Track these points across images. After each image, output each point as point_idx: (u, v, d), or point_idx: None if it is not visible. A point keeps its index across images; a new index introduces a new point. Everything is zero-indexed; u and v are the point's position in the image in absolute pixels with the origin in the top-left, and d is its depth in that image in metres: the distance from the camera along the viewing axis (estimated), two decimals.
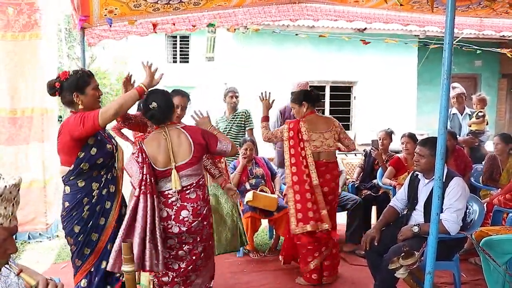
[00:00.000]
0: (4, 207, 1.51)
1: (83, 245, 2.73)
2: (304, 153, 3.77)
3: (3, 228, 1.53)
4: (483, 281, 3.29)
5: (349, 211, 4.77)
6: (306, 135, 3.80)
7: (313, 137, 3.81)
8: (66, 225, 2.74)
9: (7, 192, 1.50)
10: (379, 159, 5.17)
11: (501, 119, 11.75)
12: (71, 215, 2.70)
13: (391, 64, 9.99)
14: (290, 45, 9.28)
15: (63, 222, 2.77)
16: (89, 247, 2.74)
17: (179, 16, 4.43)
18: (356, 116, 10.27)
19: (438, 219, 2.57)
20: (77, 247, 2.74)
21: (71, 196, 2.71)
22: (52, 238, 5.18)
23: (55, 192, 5.41)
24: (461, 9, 4.30)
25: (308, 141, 3.78)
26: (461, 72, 10.90)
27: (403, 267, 2.75)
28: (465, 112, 5.92)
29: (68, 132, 2.65)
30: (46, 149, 5.12)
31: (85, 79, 2.76)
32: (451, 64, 2.44)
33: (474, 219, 3.47)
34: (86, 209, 2.70)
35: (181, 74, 16.29)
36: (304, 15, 4.76)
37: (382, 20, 4.89)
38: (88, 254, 2.75)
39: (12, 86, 4.98)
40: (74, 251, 2.78)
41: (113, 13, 3.94)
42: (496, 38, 9.27)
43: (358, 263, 4.32)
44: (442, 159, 2.51)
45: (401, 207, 3.54)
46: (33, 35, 5.01)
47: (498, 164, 4.93)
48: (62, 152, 2.73)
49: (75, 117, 2.65)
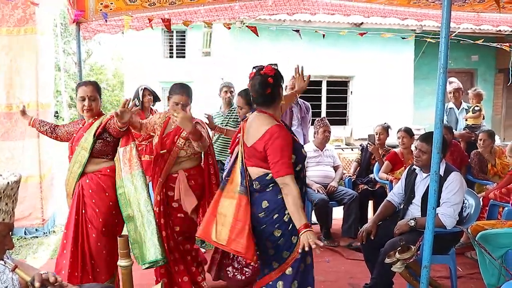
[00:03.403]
0: (6, 203, 1.52)
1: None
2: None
3: (5, 224, 1.53)
4: (479, 274, 3.31)
5: (345, 206, 4.78)
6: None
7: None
8: (267, 228, 2.48)
9: (8, 189, 1.51)
10: (376, 153, 5.18)
11: (497, 113, 11.78)
12: (272, 217, 2.46)
13: (388, 59, 9.98)
14: (286, 40, 9.25)
15: (261, 224, 2.48)
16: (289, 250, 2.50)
17: (175, 11, 4.41)
18: (353, 111, 10.27)
19: (434, 213, 2.57)
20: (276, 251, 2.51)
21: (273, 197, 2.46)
22: (48, 234, 5.18)
23: (51, 188, 5.40)
24: (458, 4, 4.30)
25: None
26: (457, 67, 10.91)
27: (400, 261, 2.76)
28: (461, 106, 5.93)
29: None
30: (42, 144, 5.10)
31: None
32: (447, 58, 2.43)
33: (470, 213, 3.48)
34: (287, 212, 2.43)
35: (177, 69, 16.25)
36: (300, 9, 4.76)
37: (379, 14, 4.89)
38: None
39: (7, 81, 4.95)
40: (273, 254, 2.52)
41: (109, 8, 3.93)
42: (493, 32, 9.27)
43: (354, 257, 4.33)
44: (438, 153, 2.51)
45: (398, 202, 3.55)
46: (28, 29, 4.97)
47: (484, 159, 5.13)
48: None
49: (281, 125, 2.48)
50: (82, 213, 3.01)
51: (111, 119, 3.01)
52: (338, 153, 6.54)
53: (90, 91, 3.08)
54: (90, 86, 3.10)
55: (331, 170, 5.08)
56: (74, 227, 3.00)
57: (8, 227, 1.56)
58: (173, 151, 3.23)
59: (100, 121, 3.07)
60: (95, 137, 3.00)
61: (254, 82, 2.50)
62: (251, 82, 2.52)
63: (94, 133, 3.00)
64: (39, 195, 5.11)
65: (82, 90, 3.08)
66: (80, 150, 3.03)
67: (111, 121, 3.01)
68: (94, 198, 3.01)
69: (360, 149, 5.59)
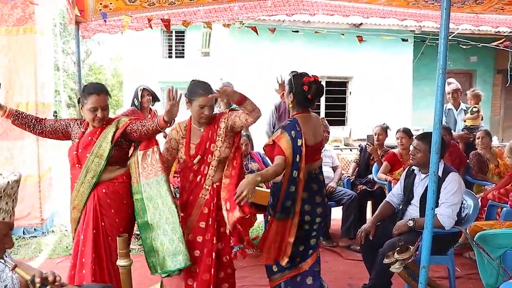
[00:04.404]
0: (6, 202, 1.53)
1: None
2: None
3: (5, 223, 1.54)
4: (478, 275, 3.31)
5: (344, 206, 4.79)
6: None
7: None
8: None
9: (9, 188, 1.52)
10: (375, 154, 5.18)
11: (496, 114, 11.80)
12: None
13: (387, 59, 9.98)
14: (285, 40, 9.25)
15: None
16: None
17: (174, 11, 4.41)
18: (352, 111, 10.27)
19: (433, 214, 2.58)
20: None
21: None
22: (47, 233, 5.17)
23: (50, 188, 5.40)
24: (457, 6, 4.31)
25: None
26: (456, 68, 10.93)
27: (398, 261, 2.77)
28: (460, 107, 5.95)
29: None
30: (41, 144, 5.10)
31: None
32: (446, 59, 2.44)
33: (468, 214, 3.49)
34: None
35: (176, 69, 16.24)
36: (300, 9, 4.76)
37: (378, 15, 4.90)
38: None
39: (6, 81, 4.94)
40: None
41: (108, 8, 3.93)
42: (492, 34, 9.28)
43: (353, 257, 4.34)
44: (437, 154, 2.52)
45: (396, 202, 3.56)
46: (27, 29, 4.97)
47: (484, 159, 5.13)
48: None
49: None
50: (102, 226, 2.82)
51: (132, 123, 2.86)
52: (337, 154, 6.55)
53: (103, 100, 2.83)
54: (102, 95, 2.84)
55: (330, 171, 5.08)
56: (93, 243, 2.78)
57: (9, 226, 1.57)
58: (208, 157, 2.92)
59: (114, 126, 2.88)
60: (113, 143, 2.83)
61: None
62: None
63: (111, 139, 2.83)
64: (37, 194, 5.11)
65: (94, 100, 2.80)
66: (93, 158, 2.80)
67: (132, 125, 2.86)
68: (113, 207, 2.85)
69: (359, 149, 5.59)
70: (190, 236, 2.93)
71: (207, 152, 2.91)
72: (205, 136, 2.92)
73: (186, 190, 2.98)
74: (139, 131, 2.86)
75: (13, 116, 2.92)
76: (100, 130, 2.87)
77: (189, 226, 2.95)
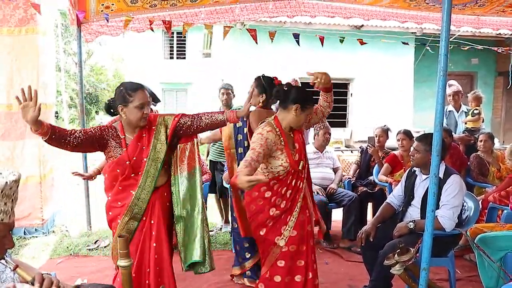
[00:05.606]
0: (4, 203, 1.51)
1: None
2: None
3: (4, 224, 1.53)
4: (478, 277, 3.32)
5: (345, 208, 4.79)
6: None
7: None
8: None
9: (7, 188, 1.50)
10: (375, 156, 5.18)
11: (497, 117, 11.80)
12: None
13: (388, 61, 9.99)
14: (286, 42, 9.26)
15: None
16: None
17: (176, 12, 4.42)
18: (353, 113, 10.28)
19: (433, 216, 2.58)
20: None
21: None
22: (48, 234, 5.17)
23: (51, 188, 5.41)
24: (458, 8, 4.32)
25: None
26: (457, 70, 10.94)
27: (399, 263, 2.76)
28: (461, 109, 5.94)
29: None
30: (42, 144, 5.10)
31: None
32: (447, 61, 2.44)
33: (469, 216, 3.48)
34: None
35: (178, 70, 16.27)
36: (301, 11, 4.78)
37: (379, 17, 4.91)
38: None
39: (8, 81, 4.95)
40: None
41: (110, 9, 3.95)
42: (493, 36, 9.30)
43: (353, 259, 4.34)
44: (438, 156, 2.52)
45: (397, 204, 3.56)
46: (29, 29, 4.98)
47: (484, 162, 5.12)
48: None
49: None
50: (152, 236, 2.67)
51: (181, 118, 2.73)
52: (337, 155, 6.56)
53: (148, 96, 2.65)
54: (146, 90, 2.66)
55: (330, 172, 5.08)
56: (168, 250, 2.69)
57: (8, 227, 1.56)
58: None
59: (162, 126, 2.73)
60: (167, 143, 2.70)
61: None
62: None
63: (165, 140, 2.70)
64: (39, 195, 5.11)
65: (141, 95, 2.59)
66: (151, 163, 2.66)
67: (182, 119, 2.73)
68: (163, 214, 2.73)
69: (360, 151, 5.59)
70: (291, 247, 2.78)
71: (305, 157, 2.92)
72: (301, 141, 2.89)
73: (287, 198, 2.78)
74: (195, 125, 2.74)
75: (51, 132, 2.41)
76: (146, 132, 2.70)
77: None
